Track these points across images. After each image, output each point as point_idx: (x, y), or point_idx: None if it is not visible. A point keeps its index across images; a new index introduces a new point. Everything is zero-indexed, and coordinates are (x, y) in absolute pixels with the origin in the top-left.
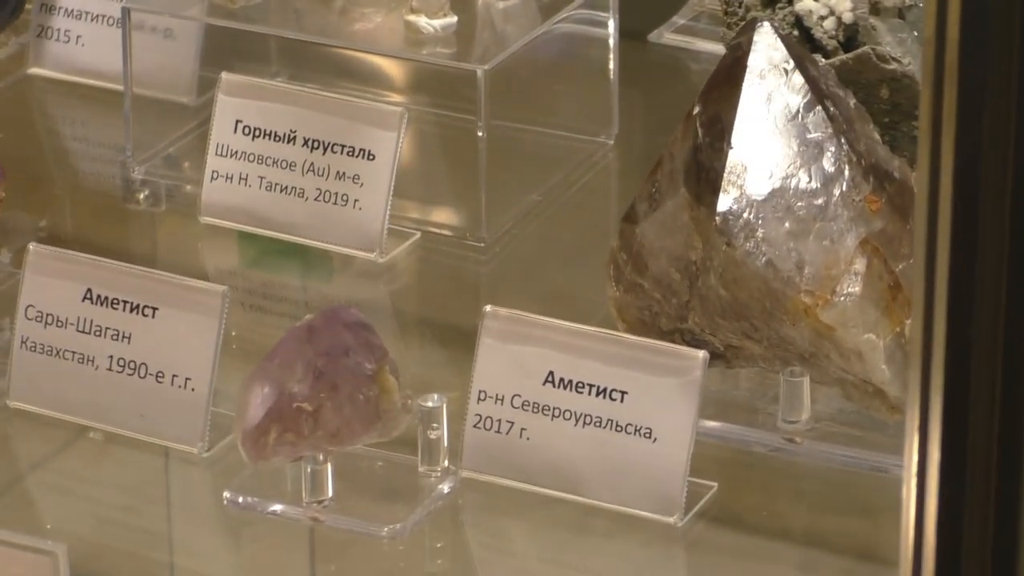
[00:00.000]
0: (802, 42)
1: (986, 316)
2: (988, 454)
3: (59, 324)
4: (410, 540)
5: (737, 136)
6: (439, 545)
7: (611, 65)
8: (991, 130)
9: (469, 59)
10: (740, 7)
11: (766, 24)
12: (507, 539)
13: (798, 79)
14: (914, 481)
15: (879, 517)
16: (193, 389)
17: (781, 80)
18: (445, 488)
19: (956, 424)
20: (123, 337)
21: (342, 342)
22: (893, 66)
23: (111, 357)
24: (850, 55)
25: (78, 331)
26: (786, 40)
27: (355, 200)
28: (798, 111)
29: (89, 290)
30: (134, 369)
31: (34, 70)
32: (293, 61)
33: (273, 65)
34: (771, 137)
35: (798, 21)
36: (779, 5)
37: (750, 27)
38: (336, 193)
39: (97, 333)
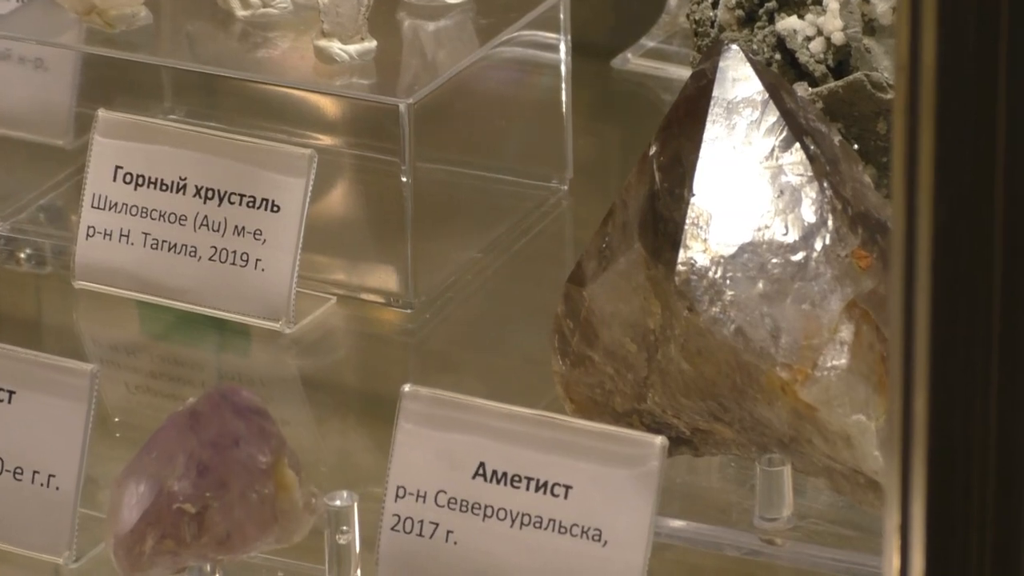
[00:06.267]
0: (785, 68)
1: (975, 390)
2: (981, 560)
3: None
4: None
5: (700, 181)
6: None
7: (564, 96)
8: (975, 166)
9: (391, 91)
10: (712, 27)
11: (734, 47)
12: None
13: (772, 112)
14: None
15: None
16: (58, 488)
17: (752, 114)
18: None
19: (941, 528)
20: None
21: (231, 430)
22: (891, 95)
23: None
24: (841, 82)
25: None
26: (758, 66)
27: (257, 260)
28: (772, 151)
29: None
30: None
31: None
32: (189, 95)
33: (166, 100)
34: (740, 182)
35: (780, 43)
36: (758, 24)
37: (715, 51)
38: (234, 252)
39: None
